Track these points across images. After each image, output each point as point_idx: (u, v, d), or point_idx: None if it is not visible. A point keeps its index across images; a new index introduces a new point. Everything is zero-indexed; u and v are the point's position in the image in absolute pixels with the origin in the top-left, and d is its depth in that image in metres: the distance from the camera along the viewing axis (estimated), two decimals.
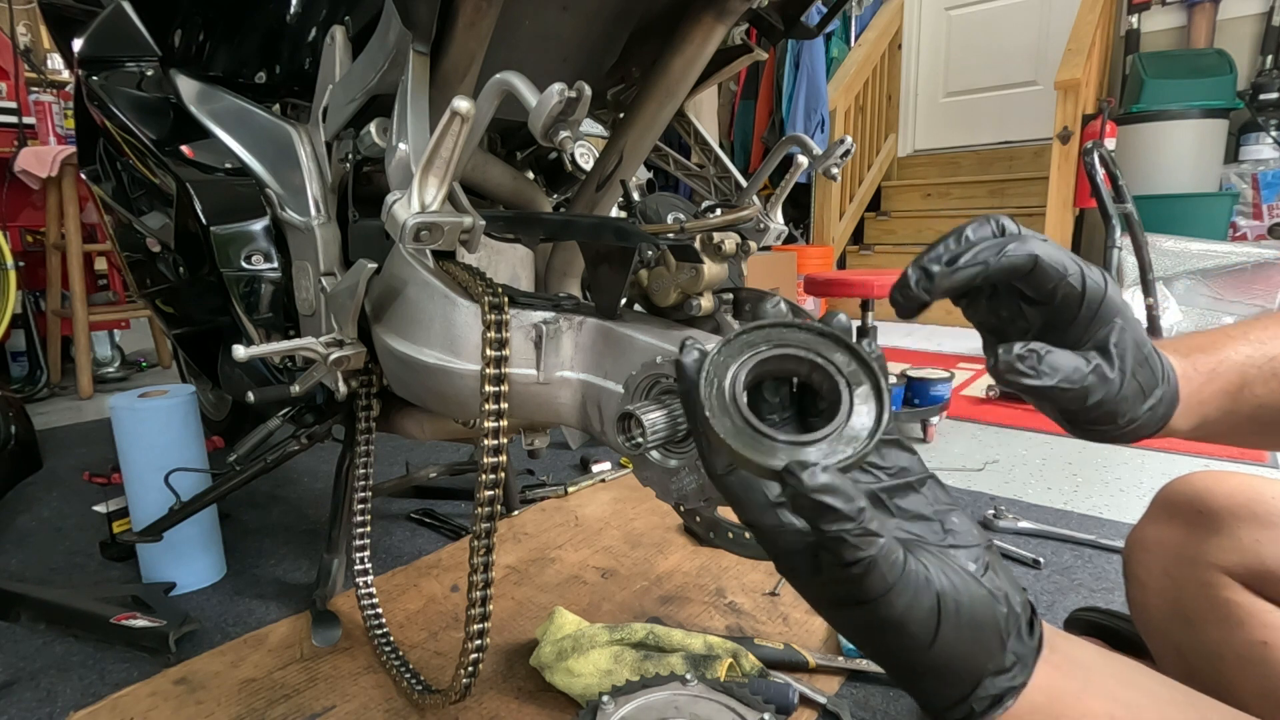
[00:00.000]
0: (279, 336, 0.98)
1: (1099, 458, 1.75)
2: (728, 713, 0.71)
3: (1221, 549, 0.59)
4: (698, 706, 0.72)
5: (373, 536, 1.00)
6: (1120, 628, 0.81)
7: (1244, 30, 3.50)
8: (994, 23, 4.32)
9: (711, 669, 0.83)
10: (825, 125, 4.03)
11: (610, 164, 0.94)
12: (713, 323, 0.77)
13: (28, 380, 2.65)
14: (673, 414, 0.61)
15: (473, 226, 0.67)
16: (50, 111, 2.49)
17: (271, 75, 0.99)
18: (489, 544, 0.70)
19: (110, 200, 1.21)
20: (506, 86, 0.59)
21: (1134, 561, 0.67)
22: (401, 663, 0.92)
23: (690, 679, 0.76)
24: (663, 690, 0.75)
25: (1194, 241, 2.90)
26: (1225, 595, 0.58)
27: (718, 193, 1.09)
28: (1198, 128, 3.20)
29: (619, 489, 1.55)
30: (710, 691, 0.73)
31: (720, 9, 0.81)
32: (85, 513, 1.49)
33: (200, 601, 1.14)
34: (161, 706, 0.88)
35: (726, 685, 0.74)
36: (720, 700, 0.73)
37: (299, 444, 1.07)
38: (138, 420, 1.12)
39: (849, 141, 0.86)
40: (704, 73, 0.90)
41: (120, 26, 1.11)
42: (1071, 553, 1.23)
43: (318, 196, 0.91)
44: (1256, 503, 0.59)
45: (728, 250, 0.74)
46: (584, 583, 1.16)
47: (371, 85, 0.76)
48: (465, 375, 0.70)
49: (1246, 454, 1.75)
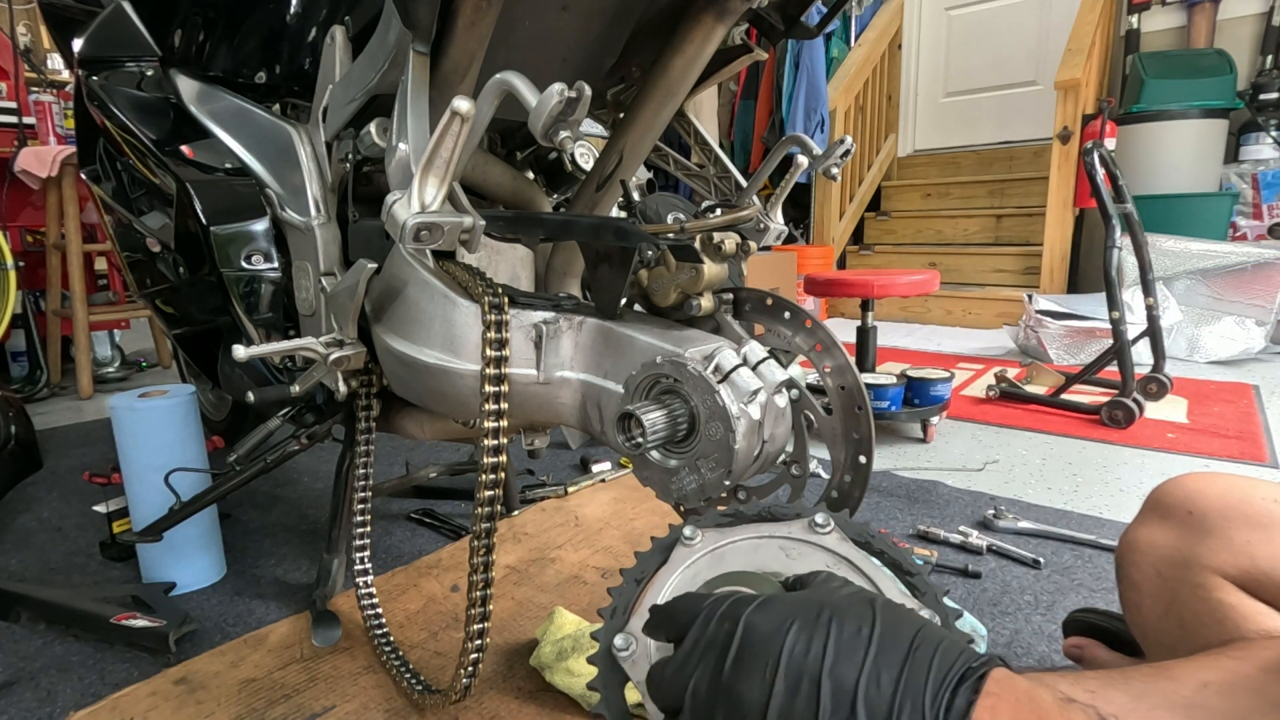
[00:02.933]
0: (279, 336, 0.98)
1: (1099, 458, 1.75)
2: (857, 575, 0.49)
3: (1213, 551, 0.59)
4: (815, 561, 0.51)
5: (373, 536, 1.00)
6: (1119, 629, 0.81)
7: (1244, 30, 3.50)
8: (994, 23, 4.32)
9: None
10: (825, 125, 4.03)
11: (610, 164, 0.94)
12: (713, 323, 0.78)
13: (28, 380, 2.65)
14: (673, 414, 0.61)
15: (473, 226, 0.67)
16: (50, 111, 2.49)
17: (271, 75, 0.99)
18: (489, 544, 0.70)
19: (110, 200, 1.21)
20: (506, 86, 0.59)
21: (1127, 563, 0.67)
22: (401, 663, 0.92)
23: (824, 520, 0.52)
24: (769, 530, 0.53)
25: (1194, 241, 2.91)
26: (1218, 597, 0.58)
27: (718, 193, 1.09)
28: (1198, 128, 3.20)
29: (619, 489, 1.55)
30: (840, 542, 0.51)
31: (720, 9, 0.81)
32: (85, 513, 1.49)
33: (200, 601, 1.14)
34: (161, 706, 0.88)
35: (863, 535, 0.52)
36: (846, 555, 0.50)
37: (299, 444, 1.07)
38: (138, 420, 1.12)
39: (849, 141, 0.86)
40: (704, 73, 0.90)
41: (120, 26, 1.11)
42: (1071, 553, 1.23)
43: (318, 196, 0.91)
44: (1247, 504, 0.60)
45: (728, 250, 0.74)
46: (584, 583, 1.16)
47: (371, 85, 0.76)
48: (465, 375, 0.70)
49: (1247, 454, 1.75)
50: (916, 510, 1.43)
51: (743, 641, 0.39)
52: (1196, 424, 2.00)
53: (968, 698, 0.35)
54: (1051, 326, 2.82)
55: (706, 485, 0.62)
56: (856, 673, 0.36)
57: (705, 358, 0.61)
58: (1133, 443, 1.86)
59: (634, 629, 0.47)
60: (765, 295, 0.78)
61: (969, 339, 3.45)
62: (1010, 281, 3.84)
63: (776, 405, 0.64)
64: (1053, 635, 0.99)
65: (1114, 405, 1.97)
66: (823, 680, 0.36)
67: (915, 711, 0.35)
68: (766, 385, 0.61)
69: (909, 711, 0.35)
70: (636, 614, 0.49)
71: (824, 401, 0.76)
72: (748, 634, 0.39)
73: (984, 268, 3.96)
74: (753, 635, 0.39)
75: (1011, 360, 2.91)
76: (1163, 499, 0.66)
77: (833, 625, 0.38)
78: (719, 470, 0.60)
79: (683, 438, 0.62)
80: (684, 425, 0.61)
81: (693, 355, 0.61)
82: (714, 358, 0.60)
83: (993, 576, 1.16)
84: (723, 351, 0.61)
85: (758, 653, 0.38)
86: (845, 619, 0.38)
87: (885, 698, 0.35)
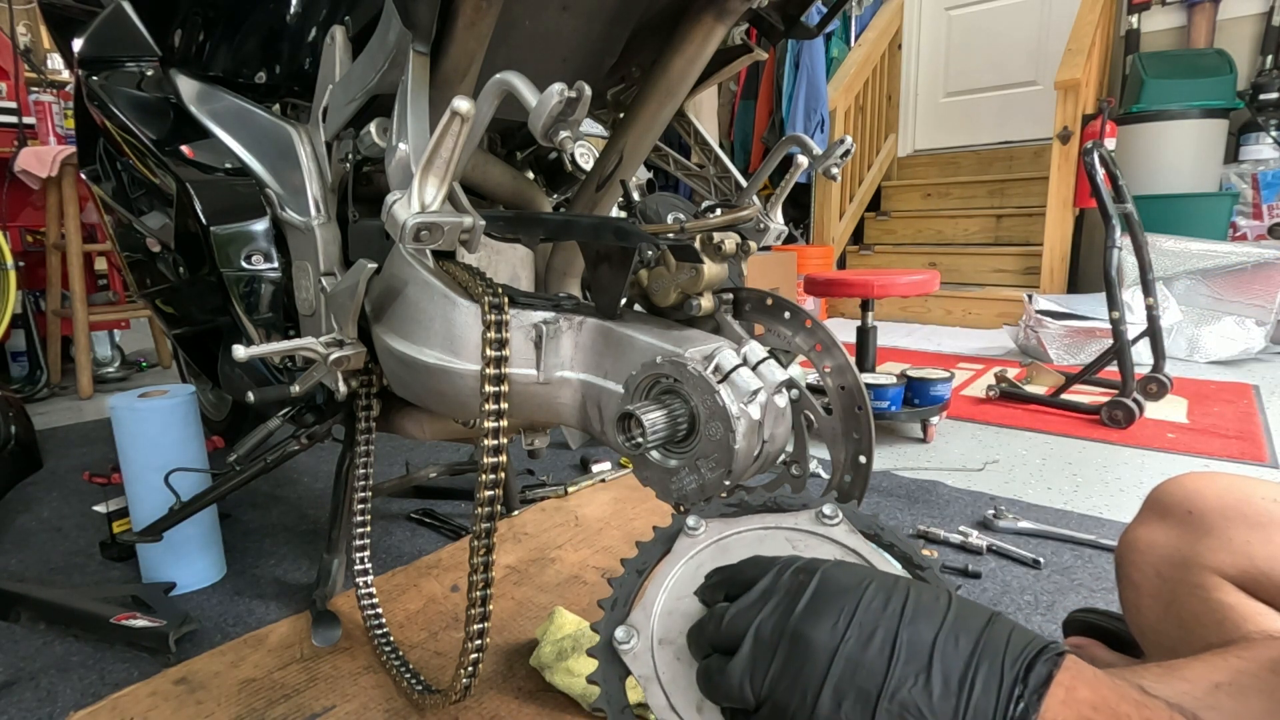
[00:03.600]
0: (279, 336, 0.98)
1: (1099, 458, 1.75)
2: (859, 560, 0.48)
3: (1213, 550, 0.59)
4: (822, 553, 0.49)
5: (373, 536, 1.00)
6: (1118, 629, 0.81)
7: (1244, 30, 3.50)
8: (994, 23, 4.32)
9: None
10: (825, 125, 4.03)
11: (610, 164, 0.94)
12: (713, 323, 0.78)
13: (28, 380, 2.65)
14: (673, 414, 0.61)
15: (473, 226, 0.67)
16: (50, 111, 2.49)
17: (271, 75, 0.99)
18: (489, 544, 0.70)
19: (110, 200, 1.21)
20: (506, 86, 0.59)
21: (1126, 563, 0.67)
22: (401, 663, 0.92)
23: (831, 512, 0.51)
24: (775, 521, 0.52)
25: (1194, 241, 2.91)
26: (1217, 597, 0.58)
27: (718, 193, 1.09)
28: (1198, 128, 3.20)
29: (619, 489, 1.55)
30: (849, 534, 0.50)
31: (720, 9, 0.81)
32: (85, 513, 1.49)
33: (200, 601, 1.14)
34: (161, 706, 0.88)
35: (872, 527, 0.51)
36: (855, 547, 0.49)
37: (299, 444, 1.07)
38: (138, 420, 1.12)
39: (849, 141, 0.86)
40: (704, 73, 0.90)
41: (120, 26, 1.11)
42: (1071, 553, 1.23)
43: (318, 196, 0.91)
44: (1246, 504, 0.60)
45: (728, 250, 0.74)
46: (584, 583, 1.16)
47: (371, 85, 0.76)
48: (465, 375, 0.70)
49: (1247, 454, 1.75)
50: (916, 510, 1.43)
51: (818, 588, 0.38)
52: (1196, 424, 2.00)
53: (1048, 667, 0.34)
54: (1051, 326, 2.82)
55: (706, 485, 0.62)
56: (935, 631, 0.35)
57: (705, 358, 0.61)
58: (1133, 443, 1.86)
59: (635, 621, 0.47)
60: (765, 295, 0.78)
61: (969, 339, 3.45)
62: (1010, 281, 3.84)
63: (776, 405, 0.64)
64: (1053, 635, 0.99)
65: (1114, 405, 1.97)
66: (900, 632, 0.36)
67: (993, 673, 0.34)
68: (766, 385, 0.61)
69: (985, 671, 0.34)
70: (638, 606, 0.48)
71: (824, 401, 0.76)
72: (824, 582, 0.39)
73: (984, 268, 3.96)
74: (829, 585, 0.38)
75: (1011, 360, 2.91)
76: (1162, 499, 0.66)
77: (911, 590, 0.38)
78: (719, 470, 0.60)
79: (683, 438, 0.62)
80: (684, 425, 0.61)
81: (693, 355, 0.61)
82: (714, 358, 0.60)
83: (993, 576, 1.16)
84: (723, 351, 0.61)
85: (833, 600, 0.38)
86: (923, 589, 0.38)
87: (963, 656, 0.35)
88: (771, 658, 0.37)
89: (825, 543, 0.50)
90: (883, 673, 0.35)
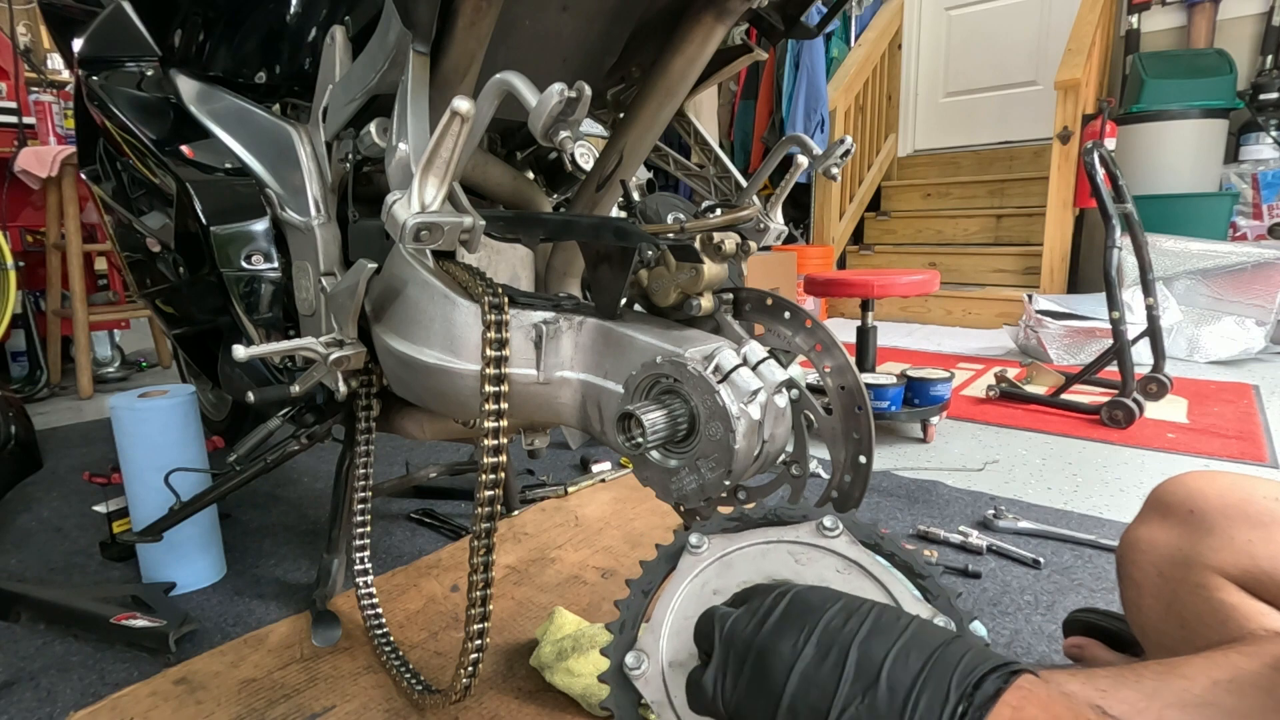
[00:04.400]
0: (279, 336, 0.98)
1: (1099, 458, 1.75)
2: (868, 580, 0.48)
3: (1214, 550, 0.59)
4: (824, 566, 0.49)
5: (373, 536, 1.00)
6: (1118, 629, 0.81)
7: (1244, 30, 3.50)
8: (994, 23, 4.32)
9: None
10: (825, 125, 4.03)
11: (610, 164, 0.94)
12: (713, 323, 0.78)
13: (28, 380, 2.65)
14: (673, 414, 0.61)
15: (473, 226, 0.67)
16: (50, 111, 2.49)
17: (271, 75, 0.99)
18: (489, 544, 0.70)
19: (110, 200, 1.21)
20: (506, 86, 0.59)
21: (1127, 562, 0.67)
22: (401, 663, 0.92)
23: (832, 524, 0.51)
24: (777, 535, 0.51)
25: (1194, 241, 2.91)
26: (1219, 596, 0.58)
27: (718, 193, 1.09)
28: (1198, 128, 3.20)
29: (619, 489, 1.55)
30: (850, 545, 0.50)
31: (720, 9, 0.81)
32: (85, 513, 1.49)
33: (200, 601, 1.14)
34: (161, 706, 0.88)
35: (872, 536, 0.51)
36: (856, 559, 0.49)
37: (299, 444, 1.07)
38: (138, 420, 1.12)
39: (849, 141, 0.86)
40: (704, 73, 0.90)
41: (120, 26, 1.11)
42: (1071, 553, 1.23)
43: (318, 196, 0.91)
44: (1248, 503, 0.60)
45: (728, 250, 0.74)
46: (584, 583, 1.16)
47: (371, 85, 0.76)
48: (465, 375, 0.70)
49: (1247, 454, 1.75)
50: (916, 510, 1.43)
51: (788, 606, 0.41)
52: (1196, 424, 2.00)
53: (995, 685, 0.34)
54: (1051, 326, 2.82)
55: (706, 485, 0.62)
56: (886, 649, 0.37)
57: (705, 358, 0.61)
58: (1133, 443, 1.86)
59: (644, 644, 0.47)
60: (765, 295, 0.78)
61: (969, 339, 3.45)
62: (1010, 281, 3.84)
63: (776, 405, 0.64)
64: (1053, 635, 0.99)
65: (1114, 405, 1.97)
66: (851, 650, 0.37)
67: (939, 690, 0.34)
68: (766, 385, 0.61)
69: (931, 689, 0.35)
70: (646, 627, 0.48)
71: (824, 401, 0.76)
72: (794, 602, 0.41)
73: (984, 268, 3.96)
74: (797, 604, 0.41)
75: (1011, 360, 2.91)
76: (1163, 498, 0.66)
77: (874, 612, 0.39)
78: (719, 470, 0.60)
79: (683, 438, 0.62)
80: (684, 425, 0.61)
81: (693, 355, 0.61)
82: (714, 358, 0.60)
83: (993, 576, 1.16)
84: (723, 351, 0.61)
85: (797, 618, 0.40)
86: (887, 612, 0.40)
87: (910, 673, 0.35)
88: (740, 671, 0.40)
89: (827, 555, 0.50)
90: (833, 689, 0.36)
